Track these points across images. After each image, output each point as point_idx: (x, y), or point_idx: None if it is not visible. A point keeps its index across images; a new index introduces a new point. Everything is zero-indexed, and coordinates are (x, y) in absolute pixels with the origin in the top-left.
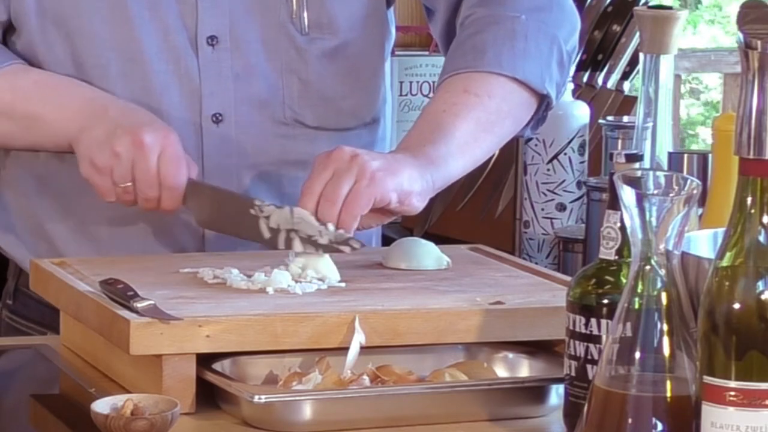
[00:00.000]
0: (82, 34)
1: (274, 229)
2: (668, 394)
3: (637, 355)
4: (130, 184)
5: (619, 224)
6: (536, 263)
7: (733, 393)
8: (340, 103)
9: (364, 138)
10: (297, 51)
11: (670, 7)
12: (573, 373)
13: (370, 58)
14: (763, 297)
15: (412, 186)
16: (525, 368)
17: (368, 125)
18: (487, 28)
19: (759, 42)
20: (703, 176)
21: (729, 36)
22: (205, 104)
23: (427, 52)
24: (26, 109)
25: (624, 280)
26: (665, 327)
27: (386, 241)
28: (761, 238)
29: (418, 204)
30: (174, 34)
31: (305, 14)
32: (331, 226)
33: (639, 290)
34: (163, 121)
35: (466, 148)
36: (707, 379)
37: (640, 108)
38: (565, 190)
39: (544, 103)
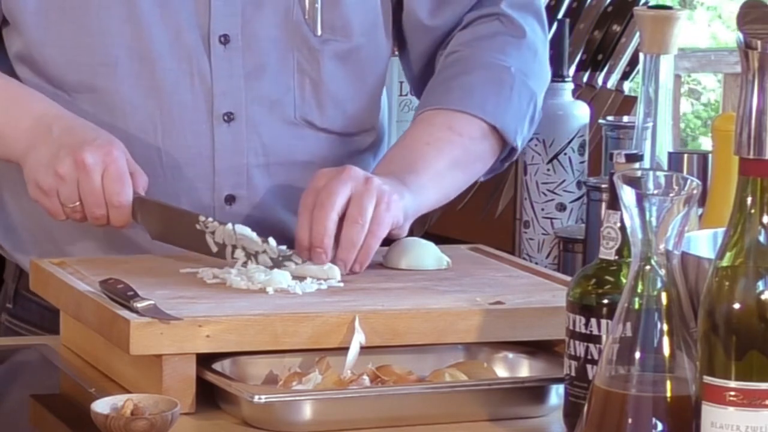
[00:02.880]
0: (90, 31)
1: (219, 243)
2: (668, 394)
3: (637, 355)
4: (78, 203)
5: (619, 224)
6: (536, 263)
7: (733, 393)
8: (347, 106)
9: (366, 145)
10: (310, 51)
11: (670, 7)
12: (573, 373)
13: (377, 65)
14: (763, 297)
15: (409, 211)
16: (525, 368)
17: (368, 132)
18: (475, 70)
19: (759, 42)
20: (703, 176)
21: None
22: (217, 103)
23: None
24: None
25: (624, 280)
26: (665, 327)
27: (386, 241)
28: (761, 238)
29: (406, 229)
30: (186, 32)
31: (320, 15)
32: (272, 242)
33: (639, 290)
34: (108, 135)
35: (443, 183)
36: (707, 379)
37: (640, 108)
38: (565, 190)
39: (505, 152)
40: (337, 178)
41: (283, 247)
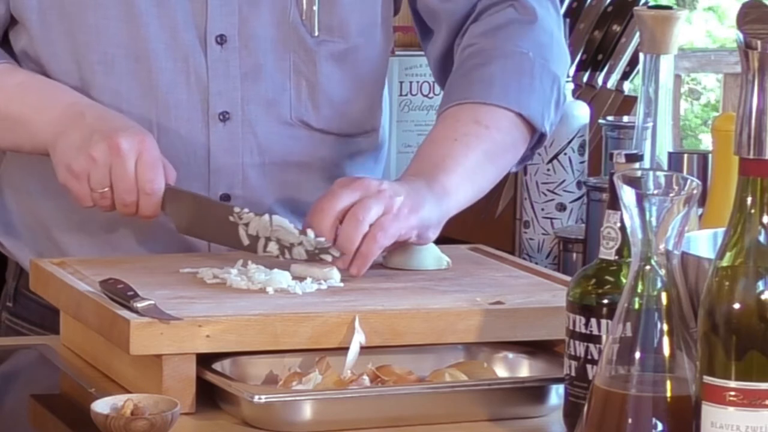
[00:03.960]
0: (87, 30)
1: (252, 236)
2: (668, 394)
3: (637, 355)
4: (107, 189)
5: (619, 224)
6: (536, 263)
7: (733, 393)
8: (344, 107)
9: (364, 146)
10: (306, 52)
11: (670, 7)
12: (573, 373)
13: (375, 66)
14: (763, 297)
15: (431, 220)
16: (525, 368)
17: (368, 133)
18: (494, 61)
19: (759, 42)
20: (703, 176)
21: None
22: (213, 103)
23: None
24: (7, 111)
25: (624, 280)
26: (665, 327)
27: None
28: (761, 238)
29: (433, 236)
30: (183, 32)
31: (316, 16)
32: (311, 233)
33: (639, 290)
34: (140, 126)
35: (475, 178)
36: (707, 379)
37: (640, 108)
38: (565, 190)
39: (534, 139)
40: (347, 185)
41: (322, 239)
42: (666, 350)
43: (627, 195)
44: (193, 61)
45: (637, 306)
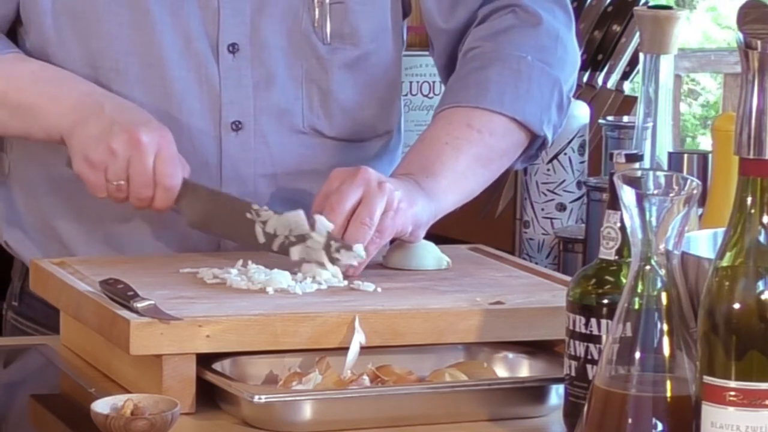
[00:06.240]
0: (101, 36)
1: (270, 234)
2: (668, 394)
3: (637, 355)
4: (123, 182)
5: (619, 224)
6: (536, 263)
7: (733, 393)
8: (357, 114)
9: (377, 149)
10: (318, 60)
11: (670, 7)
12: (573, 373)
13: (388, 70)
14: (763, 297)
15: (423, 218)
16: (525, 368)
17: (381, 136)
18: (491, 65)
19: (759, 42)
20: (703, 176)
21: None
22: (225, 112)
23: (427, 52)
24: (20, 99)
25: (624, 280)
26: (665, 327)
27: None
28: (761, 238)
29: (422, 235)
30: (195, 40)
31: (328, 24)
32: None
33: (639, 290)
34: (158, 121)
35: (464, 182)
36: (707, 379)
37: (640, 108)
38: (565, 190)
39: (538, 141)
40: (349, 181)
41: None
42: (666, 350)
43: (627, 195)
44: (205, 70)
45: (637, 306)
